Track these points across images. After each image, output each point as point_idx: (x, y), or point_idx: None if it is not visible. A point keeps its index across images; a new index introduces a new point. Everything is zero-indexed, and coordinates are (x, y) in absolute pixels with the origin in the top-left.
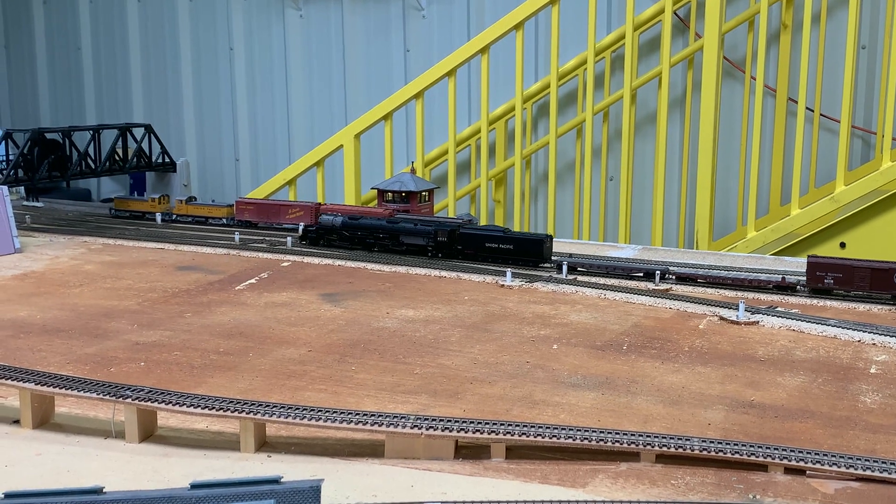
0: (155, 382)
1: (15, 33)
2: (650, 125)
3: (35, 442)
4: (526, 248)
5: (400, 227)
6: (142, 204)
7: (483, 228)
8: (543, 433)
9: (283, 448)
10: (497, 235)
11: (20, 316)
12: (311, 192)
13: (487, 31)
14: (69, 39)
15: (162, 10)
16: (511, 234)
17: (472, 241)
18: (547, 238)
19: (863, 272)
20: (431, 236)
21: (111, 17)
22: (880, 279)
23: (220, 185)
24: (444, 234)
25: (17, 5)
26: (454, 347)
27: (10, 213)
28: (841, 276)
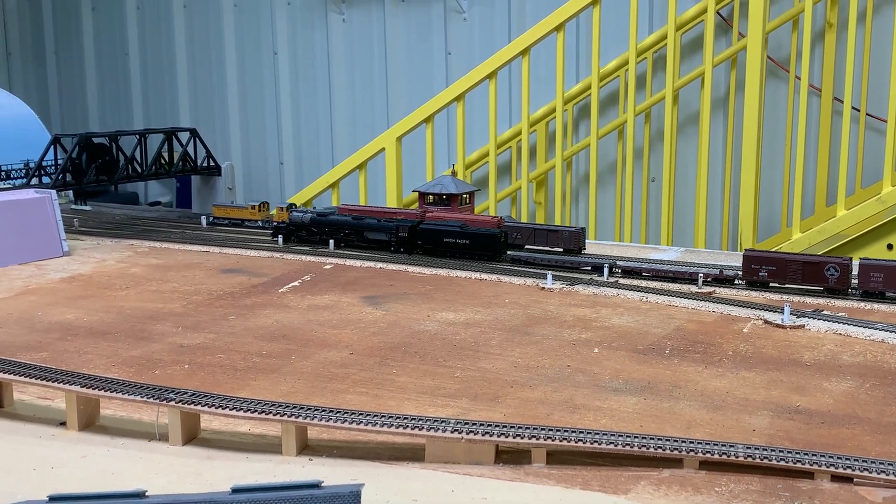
0: (198, 385)
1: (64, 40)
2: (692, 126)
3: (80, 444)
4: (481, 243)
5: (364, 224)
6: (241, 212)
7: (441, 224)
8: (585, 438)
9: (325, 451)
10: (454, 231)
11: (67, 318)
12: (354, 194)
13: (528, 32)
14: (117, 45)
15: (207, 16)
16: (467, 229)
17: (430, 236)
18: (501, 233)
19: (795, 265)
20: (393, 231)
21: (158, 22)
22: (812, 272)
23: (264, 188)
24: (404, 230)
25: (67, 12)
26: (494, 351)
27: (59, 216)
28: (774, 269)
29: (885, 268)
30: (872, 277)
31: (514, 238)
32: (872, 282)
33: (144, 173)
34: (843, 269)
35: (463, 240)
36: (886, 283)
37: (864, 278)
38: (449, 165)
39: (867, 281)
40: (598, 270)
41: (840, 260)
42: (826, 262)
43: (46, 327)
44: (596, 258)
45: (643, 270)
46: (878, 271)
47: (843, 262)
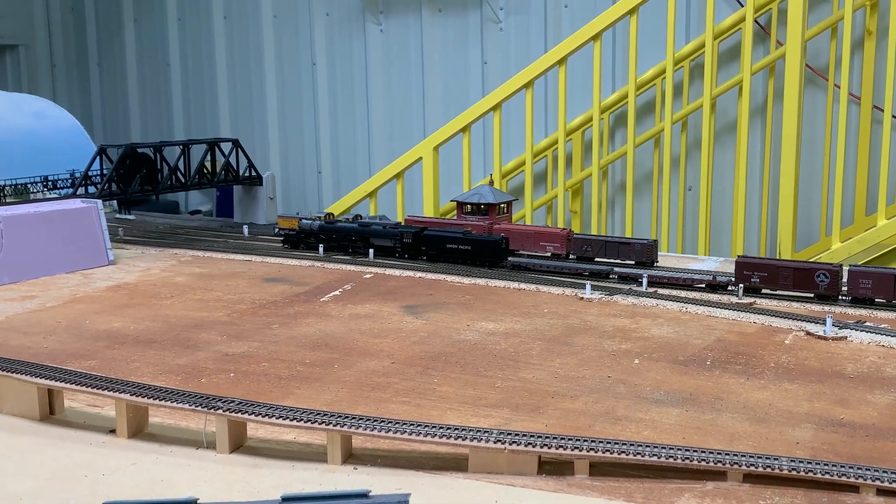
0: (244, 393)
1: (107, 51)
2: (729, 134)
3: (130, 451)
4: (483, 249)
5: (370, 231)
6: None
7: (445, 231)
8: (627, 450)
9: (369, 460)
10: (457, 237)
11: (115, 327)
12: (391, 204)
13: (565, 42)
14: (158, 56)
15: (247, 27)
16: (470, 236)
17: (434, 242)
18: (502, 240)
19: (786, 272)
20: (398, 238)
21: (199, 33)
22: (802, 278)
23: (302, 197)
24: (409, 237)
25: (110, 24)
26: (535, 361)
27: (104, 226)
28: (766, 275)
29: (873, 275)
30: (861, 284)
31: (584, 251)
32: (861, 288)
33: (188, 183)
34: (832, 276)
35: (465, 246)
36: (875, 290)
37: (853, 285)
38: (484, 174)
39: (856, 287)
40: (597, 276)
41: (830, 266)
42: (816, 269)
43: (94, 335)
44: (595, 265)
45: (641, 276)
46: (867, 278)
47: (832, 269)
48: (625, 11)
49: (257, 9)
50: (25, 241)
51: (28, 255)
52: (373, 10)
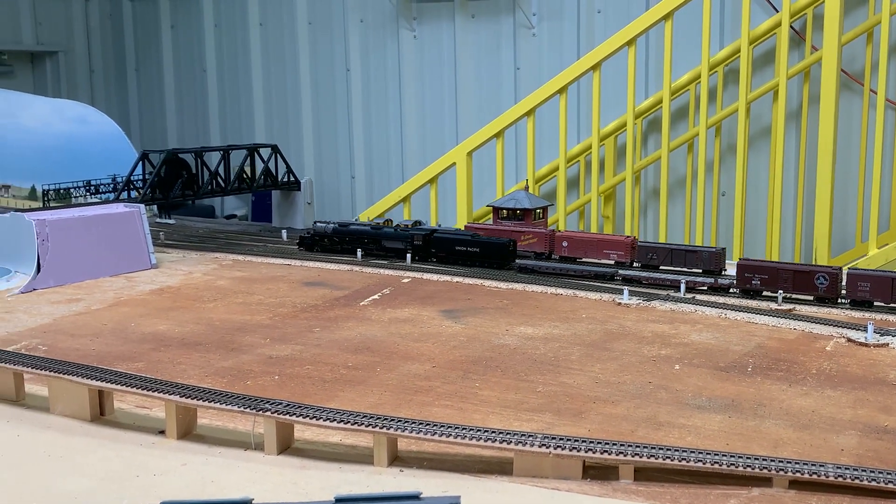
0: (289, 396)
1: (144, 57)
2: (763, 139)
3: (180, 452)
4: (491, 251)
5: (382, 233)
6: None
7: (453, 233)
8: (672, 455)
9: (415, 463)
10: (465, 239)
11: (160, 329)
12: (425, 209)
13: (599, 47)
14: (195, 62)
15: (282, 33)
16: (478, 238)
17: (443, 244)
18: (510, 242)
19: (786, 274)
20: (409, 240)
21: (234, 40)
22: (802, 280)
23: (336, 202)
24: (419, 239)
25: (147, 30)
26: (575, 366)
27: (147, 230)
28: (767, 277)
29: (872, 277)
30: (860, 287)
31: (649, 259)
32: (860, 291)
33: (228, 188)
34: (832, 278)
35: (474, 248)
36: (873, 293)
37: (851, 287)
38: (516, 180)
39: (855, 290)
40: (600, 278)
41: (829, 269)
42: (816, 271)
43: (140, 338)
44: (597, 267)
45: (642, 279)
46: (866, 281)
47: (832, 272)
48: (659, 17)
49: (293, 15)
50: (70, 245)
51: (73, 258)
52: (406, 16)
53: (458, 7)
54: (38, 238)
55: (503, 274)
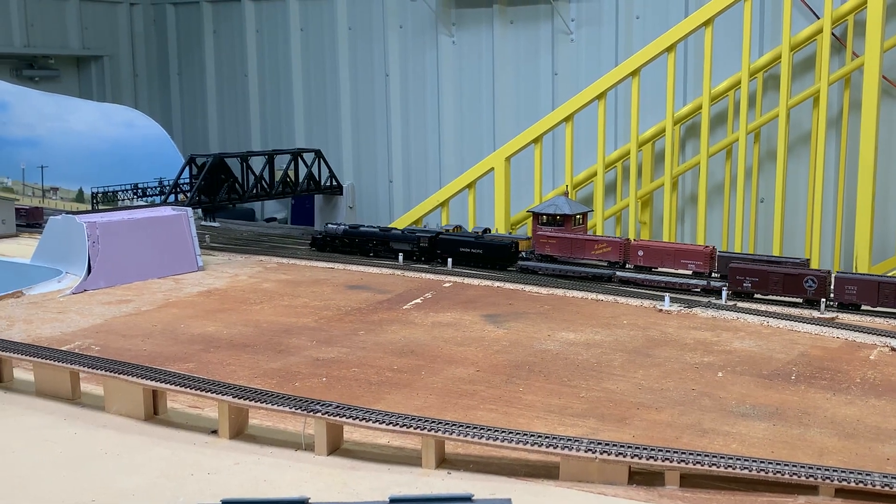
0: (337, 398)
1: (187, 62)
2: (803, 146)
3: (233, 452)
4: (494, 252)
5: (390, 235)
6: None
7: (458, 235)
8: (718, 462)
9: (462, 465)
10: (469, 241)
11: (209, 331)
12: (462, 213)
13: (639, 53)
14: (237, 67)
15: (322, 39)
16: (481, 239)
17: (448, 245)
18: (512, 244)
19: (776, 277)
20: (415, 242)
21: (276, 45)
22: (791, 284)
23: (374, 206)
24: (425, 241)
25: (190, 35)
26: (617, 372)
27: (194, 233)
28: (757, 280)
29: (858, 281)
30: (847, 290)
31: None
32: (847, 294)
33: (272, 192)
34: (820, 282)
35: (477, 249)
36: (860, 296)
37: (839, 290)
38: (553, 185)
39: (842, 293)
40: (598, 280)
41: (818, 273)
42: (805, 275)
43: (189, 339)
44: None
45: (641, 281)
46: (853, 284)
47: (819, 275)
48: (700, 23)
49: (333, 21)
50: (120, 247)
51: (122, 260)
52: (445, 21)
53: (496, 13)
54: (88, 240)
55: (544, 280)
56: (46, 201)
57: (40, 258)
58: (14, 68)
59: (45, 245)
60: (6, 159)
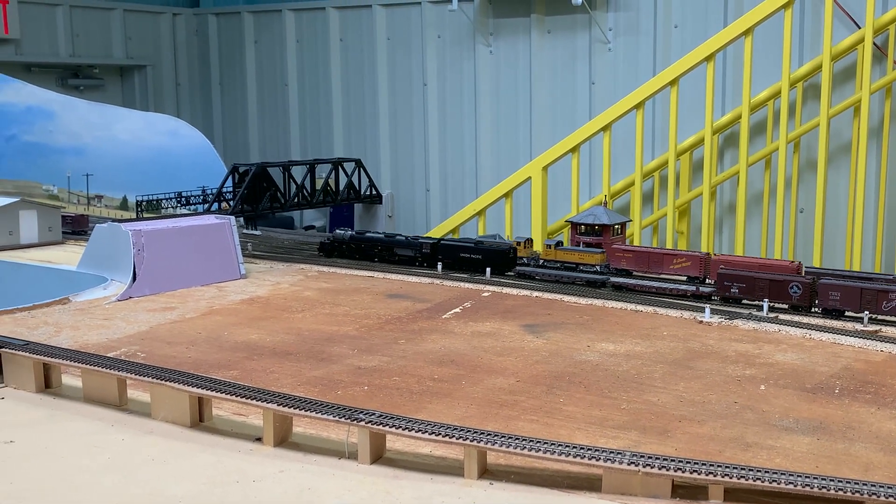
0: (379, 406)
1: (228, 71)
2: (843, 155)
3: (277, 459)
4: (492, 258)
5: (394, 241)
6: None
7: (458, 240)
8: (762, 477)
9: (504, 476)
10: (469, 247)
11: (252, 339)
12: (500, 222)
13: (678, 63)
14: (277, 77)
15: (362, 49)
16: (481, 246)
17: (449, 251)
18: (510, 249)
19: (762, 283)
20: (418, 248)
21: (315, 55)
22: (777, 289)
23: (411, 214)
24: (427, 247)
25: (231, 46)
26: (658, 384)
27: (237, 241)
28: (744, 285)
29: (841, 287)
30: (830, 296)
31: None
32: (831, 300)
33: (313, 201)
34: (804, 288)
35: (477, 255)
36: (843, 302)
37: (823, 297)
38: (590, 195)
39: (826, 299)
40: (593, 285)
41: (802, 279)
42: (790, 281)
43: (233, 346)
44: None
45: (630, 286)
46: (836, 290)
47: (804, 281)
48: (739, 32)
49: (372, 31)
50: (164, 255)
51: (167, 267)
52: (483, 31)
53: (534, 22)
54: (134, 248)
55: (585, 290)
56: (91, 209)
57: (86, 265)
58: (59, 77)
59: (91, 252)
60: (52, 167)
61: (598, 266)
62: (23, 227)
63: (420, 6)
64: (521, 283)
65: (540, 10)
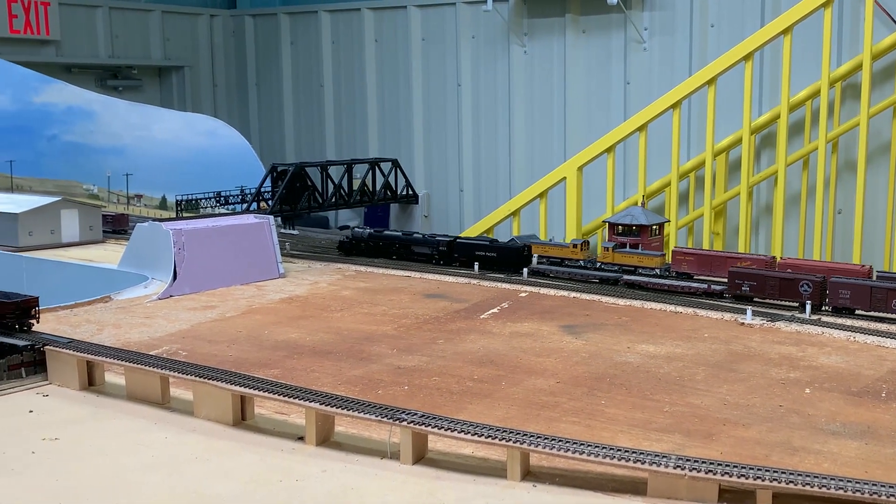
0: (419, 406)
1: (265, 72)
2: (882, 155)
3: (319, 459)
4: (506, 256)
5: (412, 239)
6: (561, 250)
7: (474, 239)
8: (812, 482)
9: (547, 478)
10: (484, 245)
11: (291, 337)
12: (534, 223)
13: (716, 62)
14: (313, 78)
15: (396, 49)
16: (495, 244)
17: (465, 249)
18: (523, 248)
19: (773, 281)
20: (435, 246)
21: (351, 56)
22: (787, 288)
23: (444, 214)
24: (444, 245)
25: (268, 47)
26: (701, 386)
27: (276, 240)
28: (755, 284)
29: (852, 286)
30: (840, 294)
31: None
32: (841, 298)
33: (350, 201)
34: (815, 286)
35: (491, 253)
36: (853, 300)
37: (833, 295)
38: (624, 195)
39: (836, 297)
40: (606, 282)
41: (813, 278)
42: (800, 280)
43: (273, 345)
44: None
45: (646, 284)
46: (846, 289)
47: (815, 280)
48: (778, 31)
49: (406, 32)
50: (204, 254)
51: (207, 266)
52: (517, 31)
53: (568, 22)
54: (174, 247)
55: (621, 290)
56: (131, 208)
57: (127, 264)
58: (98, 78)
59: (131, 251)
60: (92, 167)
61: (657, 269)
62: (64, 226)
63: (454, 6)
64: (558, 284)
65: (575, 9)
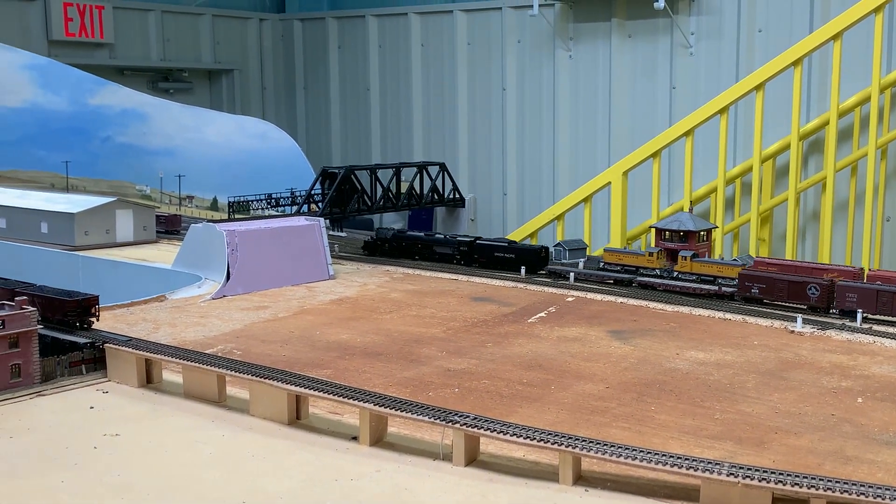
0: (470, 409)
1: (312, 76)
2: None
3: (373, 459)
4: (525, 257)
5: (434, 240)
6: (636, 258)
7: (493, 240)
8: (866, 492)
9: (598, 483)
10: (503, 246)
11: (342, 338)
12: (578, 227)
13: (764, 67)
14: (360, 82)
15: (442, 54)
16: (514, 245)
17: (484, 250)
18: (542, 249)
19: (782, 284)
20: (456, 247)
21: (397, 60)
22: (796, 291)
23: (487, 218)
24: (465, 246)
25: (316, 50)
26: (752, 394)
27: (326, 242)
28: (764, 286)
29: (858, 289)
30: (847, 297)
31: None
32: (848, 301)
33: (399, 204)
34: (822, 289)
35: (510, 254)
36: (860, 304)
37: (840, 298)
38: (669, 200)
39: (843, 300)
40: (620, 283)
41: (820, 281)
42: (808, 283)
43: (325, 346)
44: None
45: (657, 285)
46: (853, 292)
47: (822, 283)
48: (828, 37)
49: (452, 36)
50: (257, 255)
51: (259, 267)
52: (563, 36)
53: (614, 27)
54: (228, 248)
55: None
56: (183, 209)
57: (181, 264)
58: (150, 81)
59: (185, 251)
60: (145, 168)
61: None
62: (119, 226)
63: (500, 11)
64: (605, 289)
65: (621, 14)
